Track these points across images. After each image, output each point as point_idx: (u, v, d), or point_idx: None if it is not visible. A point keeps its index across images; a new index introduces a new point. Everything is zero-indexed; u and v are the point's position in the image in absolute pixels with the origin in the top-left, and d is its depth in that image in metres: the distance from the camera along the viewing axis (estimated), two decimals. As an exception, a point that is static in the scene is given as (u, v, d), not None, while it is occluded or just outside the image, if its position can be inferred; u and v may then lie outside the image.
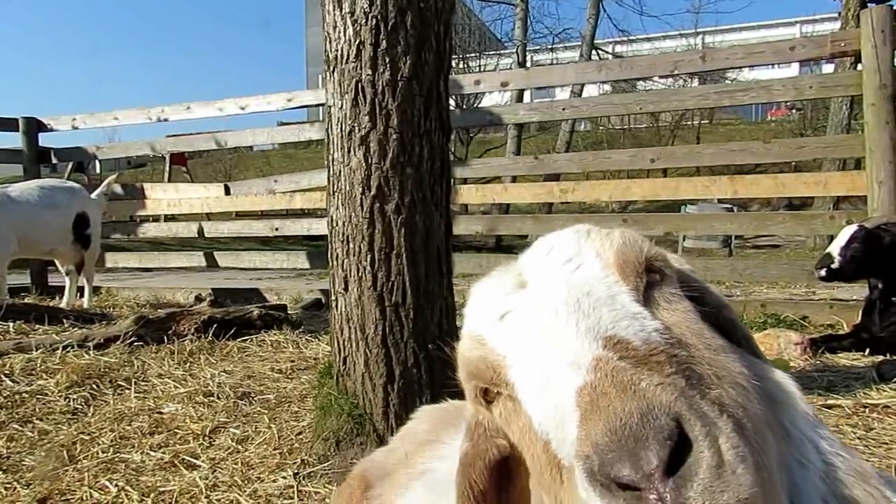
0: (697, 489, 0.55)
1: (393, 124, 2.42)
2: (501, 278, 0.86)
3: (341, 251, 2.60)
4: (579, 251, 0.82)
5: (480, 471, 0.87)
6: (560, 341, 0.70)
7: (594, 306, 0.73)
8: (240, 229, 7.60)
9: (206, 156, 28.55)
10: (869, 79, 4.56)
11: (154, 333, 4.48)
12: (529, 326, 0.76)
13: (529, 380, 0.73)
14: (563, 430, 0.65)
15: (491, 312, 0.82)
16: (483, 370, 0.80)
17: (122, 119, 7.69)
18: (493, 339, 0.80)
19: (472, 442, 0.89)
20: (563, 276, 0.79)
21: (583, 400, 0.63)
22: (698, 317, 0.79)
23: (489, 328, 0.81)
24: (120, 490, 2.48)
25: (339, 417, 2.64)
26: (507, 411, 0.80)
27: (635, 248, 0.81)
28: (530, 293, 0.80)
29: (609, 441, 0.58)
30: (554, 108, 6.02)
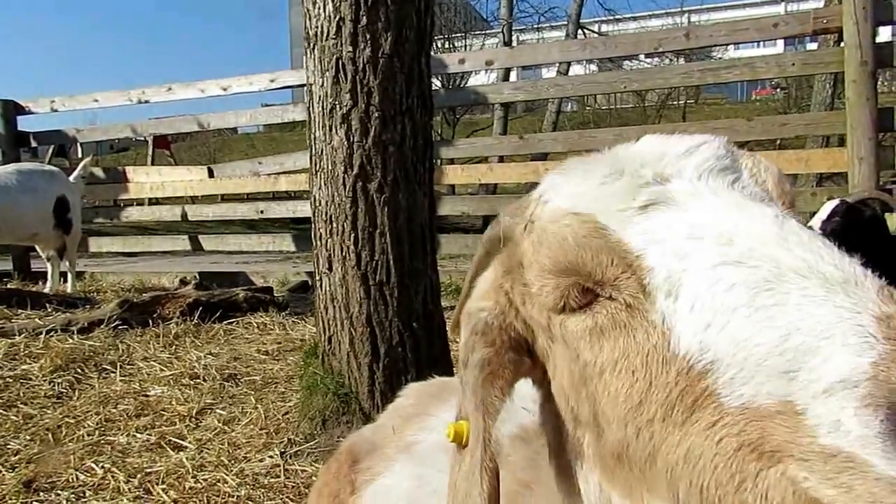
0: None
1: (374, 102, 2.40)
2: (620, 164, 0.68)
3: (325, 231, 2.59)
4: (734, 164, 0.67)
5: (508, 386, 0.73)
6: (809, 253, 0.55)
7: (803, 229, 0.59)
8: (224, 212, 7.55)
9: (190, 139, 28.23)
10: (850, 55, 4.58)
11: (139, 317, 4.45)
12: (715, 222, 0.59)
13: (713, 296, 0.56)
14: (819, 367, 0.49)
15: (623, 198, 0.64)
16: (602, 266, 0.62)
17: (103, 101, 7.56)
18: (627, 233, 0.62)
19: (495, 349, 0.73)
20: (727, 185, 0.64)
21: (888, 332, 0.48)
22: None
23: (618, 219, 0.63)
24: (106, 472, 2.48)
25: (324, 396, 2.66)
26: (611, 324, 0.62)
27: (787, 179, 0.70)
28: (685, 191, 0.63)
29: None
30: (539, 87, 6.00)
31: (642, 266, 0.61)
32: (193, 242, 7.32)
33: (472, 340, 0.76)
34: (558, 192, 0.70)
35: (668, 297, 0.59)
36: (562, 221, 0.66)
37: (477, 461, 0.71)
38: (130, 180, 7.52)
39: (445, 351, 2.80)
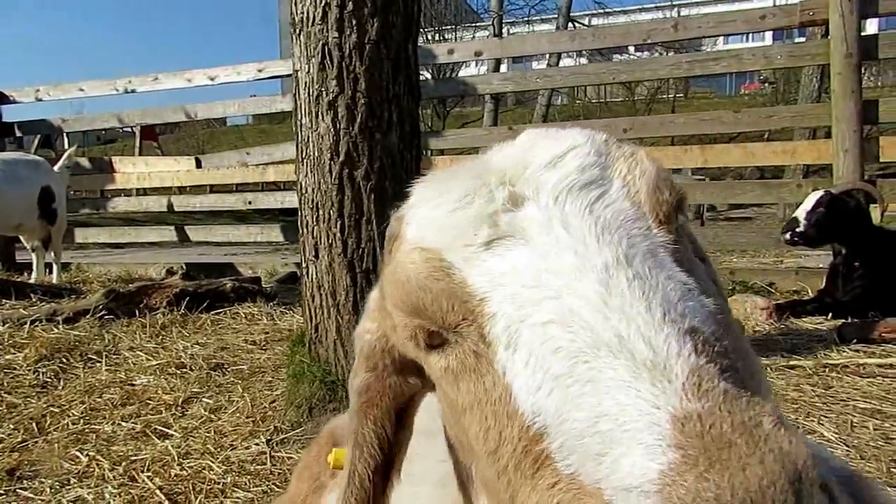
0: None
1: (361, 88, 2.39)
2: (478, 182, 0.63)
3: (311, 218, 2.59)
4: (603, 173, 0.62)
5: (388, 412, 0.71)
6: (625, 320, 0.51)
7: (650, 270, 0.55)
8: (212, 203, 7.50)
9: (178, 131, 27.97)
10: (836, 48, 4.61)
11: (125, 307, 4.42)
12: (549, 271, 0.55)
13: (540, 358, 0.54)
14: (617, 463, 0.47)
15: (468, 232, 0.60)
16: (444, 309, 0.59)
17: (89, 90, 7.48)
18: (471, 272, 0.58)
19: (376, 373, 0.71)
20: (586, 206, 0.59)
21: (687, 436, 0.44)
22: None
23: (463, 255, 0.59)
24: (91, 460, 2.47)
25: (311, 384, 2.66)
26: (463, 367, 0.60)
27: (668, 184, 0.63)
28: (535, 220, 0.58)
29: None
30: (528, 79, 6.00)
31: (484, 313, 0.58)
32: (180, 233, 7.28)
33: (357, 363, 0.73)
34: (414, 216, 0.66)
35: (508, 349, 0.56)
36: (409, 257, 0.63)
37: (340, 496, 0.70)
38: (117, 170, 7.45)
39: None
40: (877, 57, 4.88)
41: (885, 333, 3.45)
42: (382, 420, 0.71)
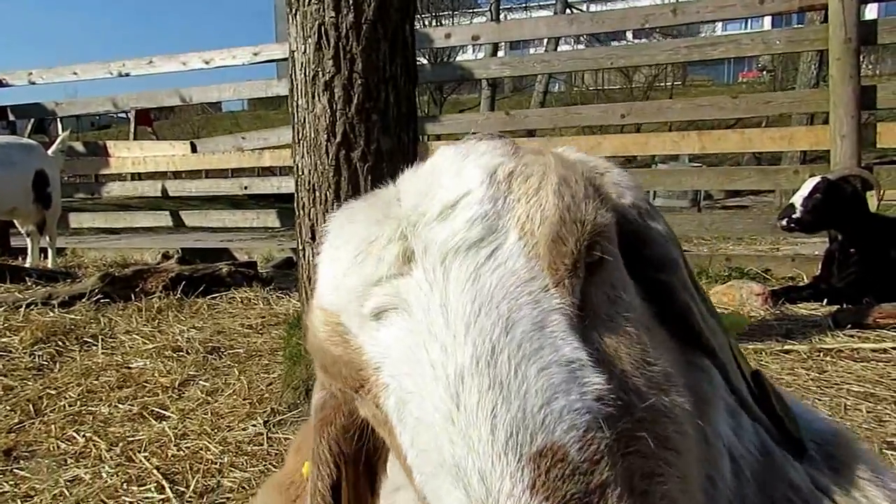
0: None
1: (357, 69, 2.37)
2: (376, 231, 0.62)
3: (307, 200, 2.57)
4: (496, 224, 0.58)
5: (342, 429, 0.69)
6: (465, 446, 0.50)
7: (516, 368, 0.52)
8: (208, 188, 7.47)
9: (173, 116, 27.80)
10: (835, 33, 4.60)
11: (121, 291, 4.41)
12: (418, 363, 0.54)
13: (416, 450, 0.55)
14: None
15: (357, 298, 0.59)
16: (343, 375, 0.61)
17: (82, 74, 7.41)
18: (365, 339, 0.59)
19: (329, 391, 0.69)
20: (472, 273, 0.56)
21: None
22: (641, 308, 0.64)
23: (357, 322, 0.60)
24: (87, 440, 2.48)
25: (308, 367, 2.65)
26: (377, 422, 0.62)
27: (574, 228, 0.58)
28: (419, 290, 0.57)
29: None
30: (525, 63, 5.96)
31: (378, 383, 0.58)
32: (176, 219, 7.25)
33: (317, 377, 0.73)
34: (321, 265, 0.66)
35: (400, 425, 0.57)
36: (314, 315, 0.63)
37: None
38: (111, 155, 7.41)
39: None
40: (875, 42, 4.86)
41: (879, 319, 3.47)
42: (338, 437, 0.69)
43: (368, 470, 0.72)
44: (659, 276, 0.68)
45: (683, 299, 0.68)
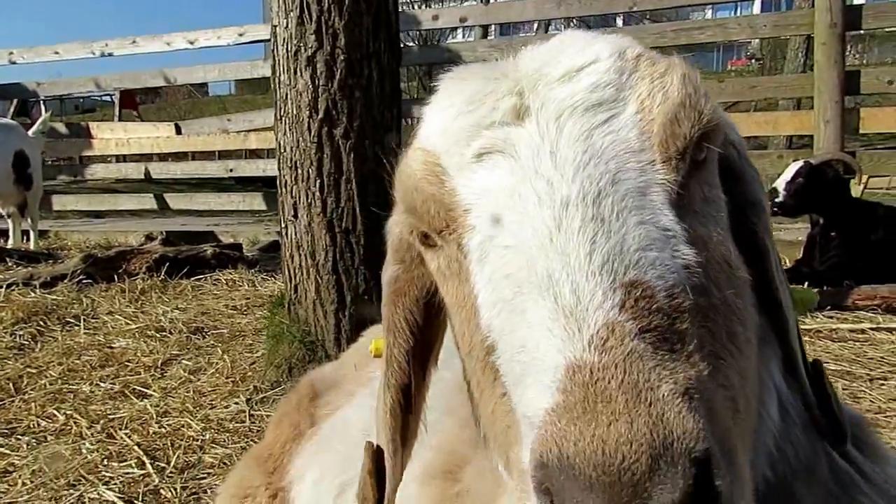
0: None
1: (340, 44, 2.35)
2: (492, 86, 0.62)
3: (290, 178, 2.56)
4: (618, 94, 0.59)
5: (416, 300, 0.72)
6: (561, 261, 0.52)
7: (619, 213, 0.54)
8: (193, 170, 7.40)
9: (159, 100, 27.41)
10: (821, 18, 4.61)
11: (103, 272, 4.37)
12: (520, 197, 0.56)
13: (497, 279, 0.56)
14: (524, 392, 0.51)
15: (465, 139, 0.60)
16: (431, 214, 0.61)
17: (64, 53, 7.30)
18: (461, 181, 0.60)
19: (404, 265, 0.73)
20: (585, 131, 0.57)
21: (573, 384, 0.46)
22: (728, 225, 0.63)
23: (457, 162, 0.60)
24: (68, 418, 2.47)
25: (291, 345, 2.66)
26: (449, 272, 0.63)
27: (692, 114, 0.59)
28: (529, 139, 0.58)
29: (592, 474, 0.43)
30: (514, 46, 5.92)
31: (465, 224, 0.60)
32: (161, 202, 7.19)
33: (388, 256, 0.76)
34: (429, 112, 0.66)
35: (478, 264, 0.58)
36: (412, 155, 0.65)
37: (381, 379, 0.74)
38: (94, 136, 7.31)
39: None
40: (860, 27, 4.89)
41: (857, 301, 3.51)
42: (411, 307, 0.73)
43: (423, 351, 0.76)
44: (747, 213, 0.69)
45: (764, 242, 0.70)
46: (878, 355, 2.84)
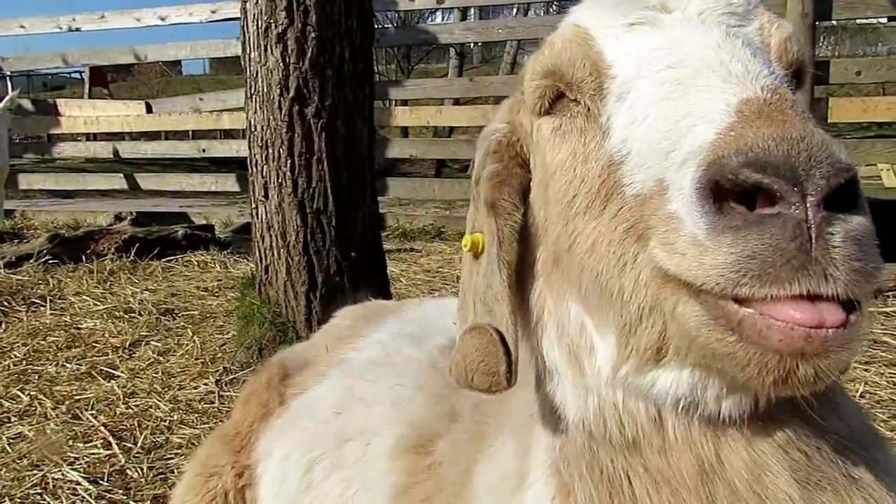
0: (845, 238, 0.48)
1: (311, 21, 2.32)
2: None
3: (260, 157, 2.53)
4: (746, 13, 0.68)
5: (517, 192, 0.78)
6: (714, 62, 0.58)
7: (756, 53, 0.61)
8: (165, 150, 7.26)
9: (131, 78, 26.77)
10: (792, 7, 4.66)
11: (70, 252, 4.29)
12: (669, 44, 0.62)
13: (652, 82, 0.61)
14: (685, 138, 0.54)
15: (616, 15, 0.68)
16: (574, 68, 0.68)
17: (30, 28, 7.07)
18: (608, 43, 0.67)
19: (503, 164, 0.79)
20: (721, 24, 0.65)
21: (748, 108, 0.52)
22: None
23: (606, 30, 0.68)
24: (33, 399, 2.43)
25: (261, 326, 2.64)
26: (571, 126, 0.69)
27: (797, 46, 0.69)
28: (678, 18, 0.66)
29: (770, 148, 0.47)
30: (490, 30, 5.91)
31: (608, 73, 0.66)
32: (131, 181, 7.05)
33: (484, 160, 0.82)
34: (579, 8, 0.75)
35: (618, 101, 0.64)
36: (562, 30, 0.73)
37: (494, 257, 0.76)
38: (62, 114, 7.13)
39: (385, 281, 2.81)
40: (831, 18, 4.95)
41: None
42: (513, 194, 0.77)
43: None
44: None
45: None
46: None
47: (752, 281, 0.48)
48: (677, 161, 0.54)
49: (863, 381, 2.39)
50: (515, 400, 0.93)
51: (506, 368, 0.75)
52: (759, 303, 0.50)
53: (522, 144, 0.80)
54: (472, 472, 1.03)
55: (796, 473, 0.62)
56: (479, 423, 1.12)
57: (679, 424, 0.63)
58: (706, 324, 0.52)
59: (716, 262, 0.49)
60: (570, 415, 0.71)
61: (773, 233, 0.47)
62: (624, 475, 0.67)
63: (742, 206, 0.49)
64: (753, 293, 0.49)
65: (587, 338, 0.67)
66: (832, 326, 0.49)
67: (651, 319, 0.59)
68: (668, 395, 0.61)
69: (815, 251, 0.47)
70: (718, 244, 0.49)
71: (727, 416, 0.60)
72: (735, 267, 0.49)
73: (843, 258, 0.48)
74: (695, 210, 0.51)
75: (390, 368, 1.43)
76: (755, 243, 0.48)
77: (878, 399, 2.26)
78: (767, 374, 0.51)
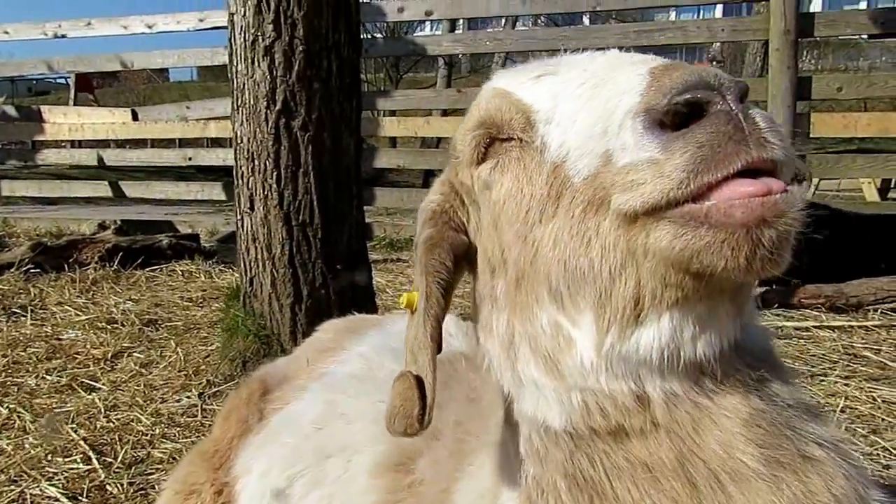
0: (762, 117, 0.59)
1: (299, 34, 2.33)
2: (530, 65, 0.83)
3: (246, 169, 2.52)
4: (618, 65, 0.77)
5: (447, 251, 0.86)
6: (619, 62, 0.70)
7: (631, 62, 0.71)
8: (150, 158, 7.21)
9: (117, 84, 26.62)
10: (775, 23, 4.74)
11: (53, 261, 4.25)
12: (576, 74, 0.73)
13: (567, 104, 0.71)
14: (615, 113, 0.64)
15: (522, 77, 0.80)
16: (501, 115, 0.78)
17: (14, 34, 7.01)
18: (524, 92, 0.78)
19: (436, 229, 0.88)
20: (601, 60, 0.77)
21: (657, 69, 0.63)
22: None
23: (519, 86, 0.79)
24: (11, 412, 2.39)
25: (245, 338, 2.62)
26: (508, 160, 0.77)
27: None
28: (569, 65, 0.77)
29: (687, 83, 0.59)
30: (478, 41, 5.95)
31: (531, 109, 0.76)
32: (116, 189, 6.99)
33: (421, 228, 0.90)
34: (493, 79, 0.86)
35: (547, 124, 0.73)
36: (483, 94, 0.84)
37: (421, 311, 0.83)
38: (47, 121, 7.06)
39: (371, 293, 2.81)
40: (813, 35, 5.04)
41: (803, 299, 3.64)
42: (443, 255, 0.86)
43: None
44: None
45: None
46: (821, 352, 2.95)
47: (708, 165, 0.57)
48: (615, 130, 0.63)
49: (843, 395, 2.42)
50: (497, 417, 0.94)
51: (419, 411, 0.82)
52: (716, 191, 0.58)
53: (456, 210, 0.89)
54: (451, 490, 1.04)
55: (762, 451, 0.67)
56: (460, 442, 1.13)
57: (660, 396, 0.68)
58: (678, 233, 0.60)
59: (675, 164, 0.58)
60: (555, 424, 0.74)
61: (712, 122, 0.58)
62: (605, 478, 0.71)
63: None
64: (712, 176, 0.57)
65: (563, 335, 0.71)
66: (778, 192, 0.58)
67: (624, 276, 0.65)
68: (653, 350, 0.66)
69: (747, 127, 0.58)
70: (672, 151, 0.59)
71: (703, 356, 0.66)
72: (691, 159, 0.58)
73: (768, 128, 0.59)
74: (645, 140, 0.60)
75: (372, 383, 1.42)
76: (701, 135, 0.58)
77: (858, 414, 2.28)
78: (740, 249, 0.58)
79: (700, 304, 0.64)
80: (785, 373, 0.77)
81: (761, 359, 0.74)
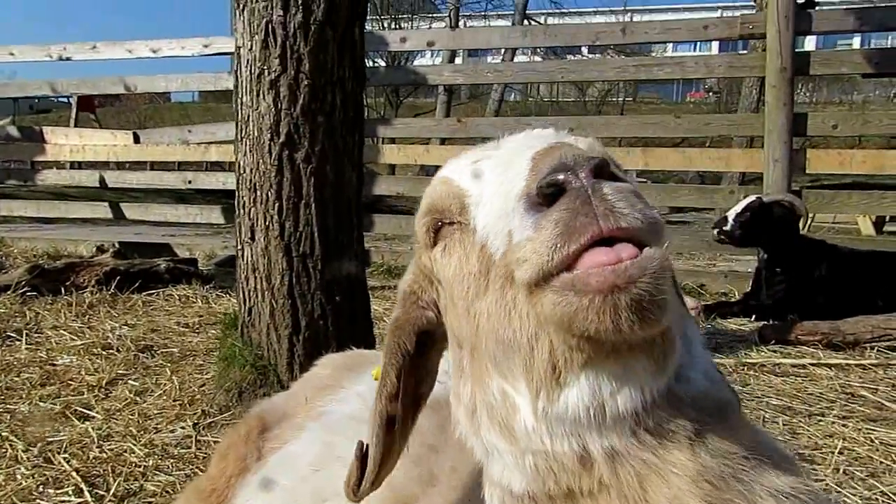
0: (612, 189, 0.65)
1: (304, 69, 2.36)
2: (475, 150, 0.91)
3: (248, 199, 2.54)
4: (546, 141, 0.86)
5: (409, 334, 0.93)
6: (519, 153, 0.76)
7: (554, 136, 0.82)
8: (150, 180, 7.23)
9: (119, 104, 26.82)
10: (771, 61, 4.82)
11: (50, 284, 4.23)
12: (496, 156, 0.82)
13: (488, 188, 0.79)
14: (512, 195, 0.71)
15: (464, 161, 0.88)
16: (443, 202, 0.85)
17: (19, 55, 7.08)
18: (460, 179, 0.86)
19: (404, 309, 0.95)
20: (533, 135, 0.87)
21: (538, 155, 0.71)
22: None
23: (458, 173, 0.86)
24: (4, 440, 2.36)
25: (242, 368, 2.61)
26: (453, 242, 0.84)
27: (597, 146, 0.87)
28: (500, 149, 0.86)
29: (552, 166, 0.66)
30: (479, 72, 6.03)
31: (466, 194, 0.83)
32: (115, 210, 7.00)
33: (395, 308, 0.96)
34: (446, 166, 0.92)
35: (476, 207, 0.80)
36: (435, 181, 0.90)
37: (378, 388, 0.91)
38: (48, 141, 7.09)
39: (369, 326, 2.80)
40: (809, 73, 5.12)
41: (800, 335, 3.65)
42: (404, 338, 0.92)
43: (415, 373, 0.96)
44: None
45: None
46: (818, 391, 2.95)
47: (564, 239, 0.63)
48: (510, 211, 0.71)
49: (841, 436, 2.41)
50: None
51: (355, 482, 0.90)
52: (580, 261, 0.63)
53: (425, 289, 0.94)
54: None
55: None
56: (454, 490, 1.12)
57: (602, 454, 0.70)
58: (557, 300, 0.64)
59: (541, 241, 0.64)
60: (517, 488, 0.76)
61: (566, 201, 0.64)
62: None
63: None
64: (569, 248, 0.63)
65: (510, 401, 0.74)
66: (629, 258, 0.62)
67: (539, 343, 0.69)
68: (580, 409, 0.68)
69: (595, 201, 0.63)
70: (541, 229, 0.65)
71: (626, 410, 0.68)
72: (552, 235, 0.64)
73: (617, 199, 0.64)
74: (525, 220, 0.67)
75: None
76: (557, 213, 0.64)
77: (856, 456, 2.28)
78: (604, 314, 0.62)
79: (609, 362, 0.67)
80: (742, 422, 0.77)
81: (709, 411, 0.74)
